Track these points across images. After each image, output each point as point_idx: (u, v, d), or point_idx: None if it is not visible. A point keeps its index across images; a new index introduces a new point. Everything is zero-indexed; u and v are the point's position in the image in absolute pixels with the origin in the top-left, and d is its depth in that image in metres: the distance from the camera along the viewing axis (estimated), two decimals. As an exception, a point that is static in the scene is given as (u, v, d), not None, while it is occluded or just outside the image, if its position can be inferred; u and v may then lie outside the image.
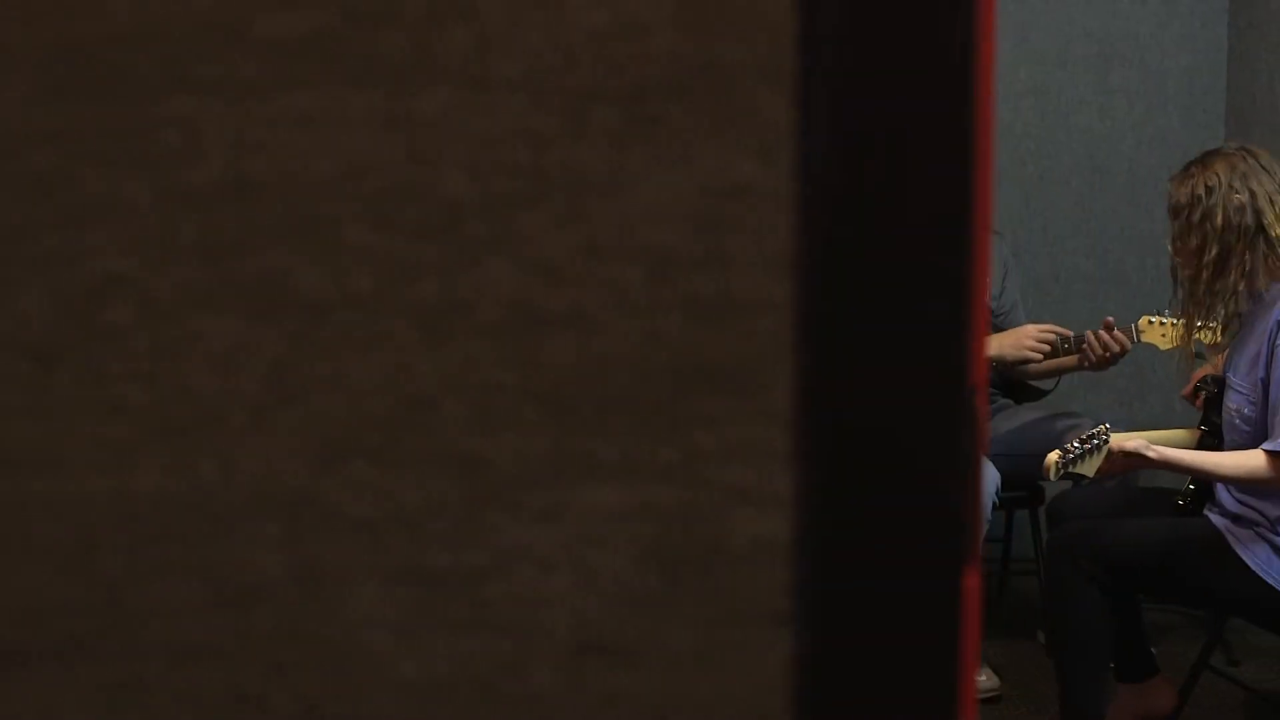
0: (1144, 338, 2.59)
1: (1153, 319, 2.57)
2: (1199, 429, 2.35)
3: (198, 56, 0.49)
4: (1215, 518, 2.22)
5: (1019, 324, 3.09)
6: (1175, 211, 2.15)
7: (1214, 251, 2.10)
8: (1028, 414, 2.96)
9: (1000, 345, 2.71)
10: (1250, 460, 2.06)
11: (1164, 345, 2.54)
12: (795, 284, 0.50)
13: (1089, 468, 2.11)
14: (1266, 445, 2.04)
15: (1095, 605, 2.25)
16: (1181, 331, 2.23)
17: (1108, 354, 2.63)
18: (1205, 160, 2.18)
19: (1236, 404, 2.17)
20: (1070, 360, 2.76)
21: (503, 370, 0.51)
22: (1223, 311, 2.13)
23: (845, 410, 0.51)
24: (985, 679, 2.75)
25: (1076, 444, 2.09)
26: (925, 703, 0.54)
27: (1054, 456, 2.08)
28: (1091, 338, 2.63)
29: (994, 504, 2.70)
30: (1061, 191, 3.53)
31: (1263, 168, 2.14)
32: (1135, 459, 2.13)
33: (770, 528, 0.51)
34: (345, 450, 0.51)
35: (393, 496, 0.51)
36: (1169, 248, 2.19)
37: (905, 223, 0.51)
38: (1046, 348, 2.69)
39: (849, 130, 0.49)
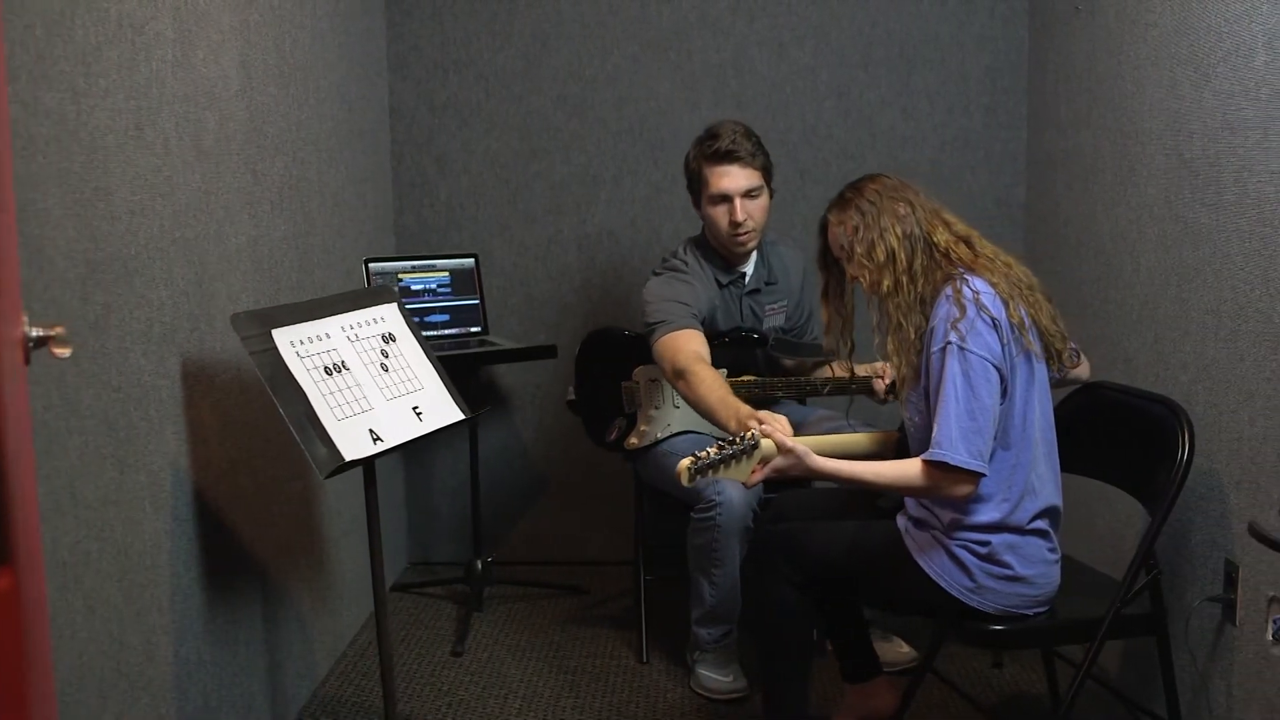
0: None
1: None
2: (898, 433, 2.35)
3: None
4: (900, 521, 2.23)
5: (814, 336, 3.09)
6: (854, 231, 2.14)
7: (903, 259, 2.12)
8: (796, 414, 2.97)
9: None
10: (907, 469, 2.05)
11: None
12: None
13: (739, 473, 2.04)
14: (925, 455, 2.04)
15: (793, 607, 2.25)
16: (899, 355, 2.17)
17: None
18: (854, 185, 2.21)
19: (910, 413, 2.17)
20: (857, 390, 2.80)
21: None
22: (920, 321, 2.13)
23: None
24: (732, 679, 2.77)
25: (713, 450, 2.00)
26: None
27: (686, 462, 1.97)
28: (879, 388, 2.75)
29: (754, 511, 2.71)
30: (868, 192, 3.53)
31: (904, 183, 2.19)
32: (793, 463, 2.10)
33: None
34: None
35: None
36: (863, 280, 2.17)
37: None
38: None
39: None
